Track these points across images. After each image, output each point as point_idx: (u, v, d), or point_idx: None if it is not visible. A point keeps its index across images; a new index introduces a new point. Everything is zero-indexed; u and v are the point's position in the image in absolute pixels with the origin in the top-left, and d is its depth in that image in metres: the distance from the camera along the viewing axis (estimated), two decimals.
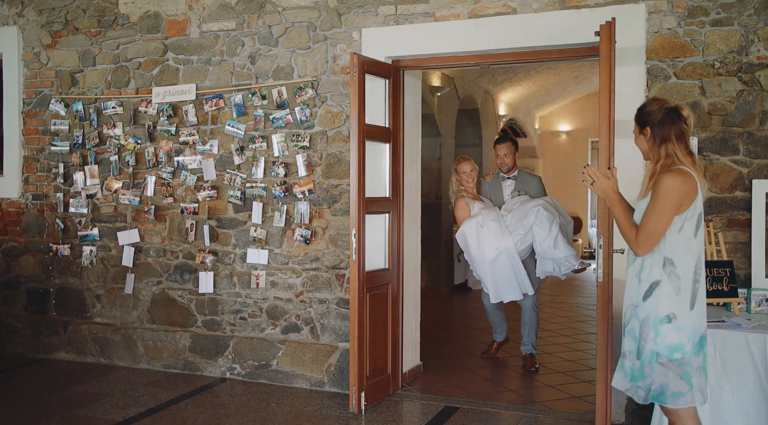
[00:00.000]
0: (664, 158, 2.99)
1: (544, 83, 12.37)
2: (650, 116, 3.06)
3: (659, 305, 2.94)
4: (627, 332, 3.07)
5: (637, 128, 3.15)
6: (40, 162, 6.12)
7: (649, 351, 2.94)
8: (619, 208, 3.06)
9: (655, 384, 2.95)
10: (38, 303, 6.13)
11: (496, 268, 5.58)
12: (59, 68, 6.05)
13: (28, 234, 6.17)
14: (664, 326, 2.92)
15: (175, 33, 5.66)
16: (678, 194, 2.89)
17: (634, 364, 3.00)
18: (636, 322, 3.00)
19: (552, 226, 5.46)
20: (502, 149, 5.88)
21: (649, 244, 2.95)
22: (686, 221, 2.94)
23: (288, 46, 5.30)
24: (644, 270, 3.01)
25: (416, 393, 5.15)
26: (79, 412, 4.68)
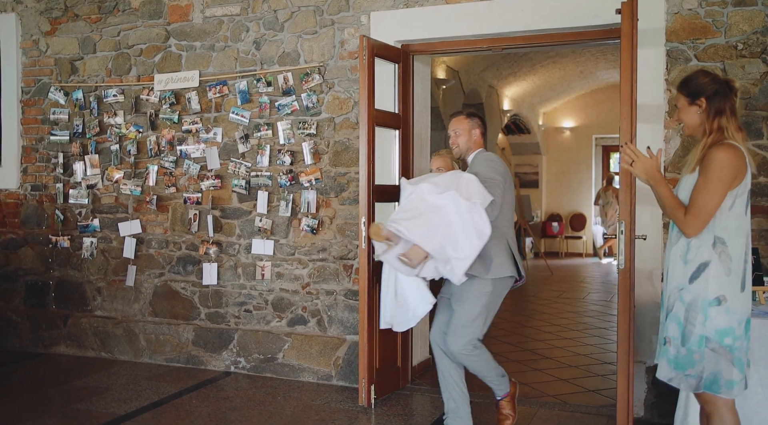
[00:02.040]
0: (716, 131, 2.84)
1: (549, 78, 12.25)
2: (704, 87, 2.89)
3: (708, 287, 2.77)
4: (671, 317, 2.88)
5: (687, 100, 2.95)
6: (39, 152, 5.97)
7: (698, 336, 2.77)
8: (665, 187, 2.88)
9: (707, 372, 2.77)
10: (37, 296, 5.98)
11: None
12: (59, 56, 5.90)
13: (27, 226, 6.02)
14: (714, 309, 2.76)
15: (178, 19, 5.52)
16: (732, 168, 2.74)
17: (679, 351, 2.83)
18: (681, 306, 2.83)
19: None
20: (450, 126, 4.17)
21: (702, 223, 2.78)
22: (737, 197, 2.78)
23: (294, 31, 5.16)
24: (691, 251, 2.84)
25: (427, 386, 5.01)
26: (79, 406, 4.53)
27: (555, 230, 14.52)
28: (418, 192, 3.73)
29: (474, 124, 4.06)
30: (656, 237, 4.24)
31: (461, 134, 4.03)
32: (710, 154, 2.78)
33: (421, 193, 3.72)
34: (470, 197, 3.60)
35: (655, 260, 4.24)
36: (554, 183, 14.96)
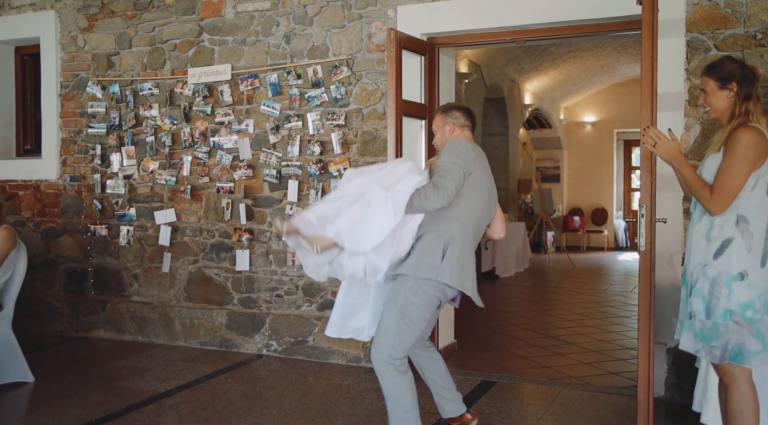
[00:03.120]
0: (743, 115, 2.98)
1: (570, 73, 12.33)
2: (735, 72, 3.04)
3: (731, 263, 2.92)
4: (694, 292, 3.02)
5: (718, 84, 3.08)
6: (78, 144, 6.21)
7: (723, 309, 2.92)
8: (689, 168, 3.03)
9: (732, 343, 2.91)
10: (77, 283, 6.22)
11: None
12: (96, 51, 6.13)
13: (66, 215, 6.27)
14: (737, 283, 2.90)
15: (210, 14, 5.72)
16: (756, 149, 2.88)
17: (704, 324, 2.97)
18: (705, 281, 2.98)
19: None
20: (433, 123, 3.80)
21: (727, 201, 2.92)
22: (759, 178, 2.92)
23: (323, 25, 5.34)
24: (714, 229, 2.98)
25: (452, 368, 5.14)
26: (121, 384, 4.75)
27: (576, 224, 14.58)
28: (343, 181, 3.45)
29: (447, 118, 3.65)
30: (676, 222, 4.36)
31: (437, 132, 3.70)
32: (735, 135, 2.92)
33: (342, 181, 3.44)
34: (391, 185, 3.24)
35: (675, 245, 4.36)
36: (576, 177, 15.03)
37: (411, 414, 3.29)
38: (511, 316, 7.24)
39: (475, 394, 4.55)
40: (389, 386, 3.27)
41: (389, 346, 3.22)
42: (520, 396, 4.54)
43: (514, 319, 7.08)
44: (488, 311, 7.67)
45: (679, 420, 4.05)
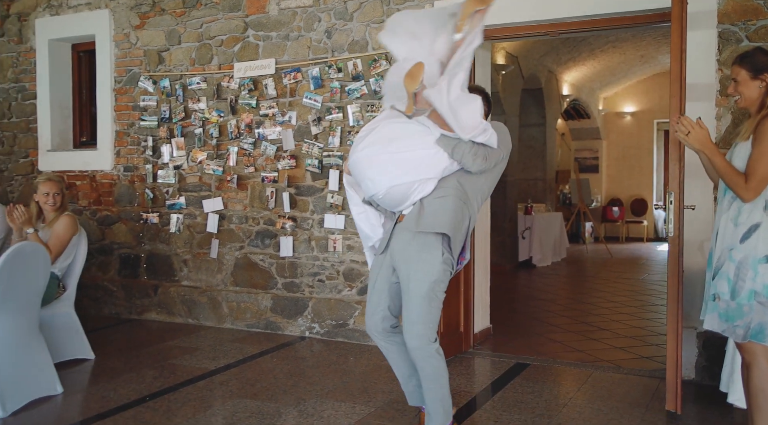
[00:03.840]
0: None
1: (609, 63, 12.32)
2: (766, 63, 3.17)
3: (758, 247, 3.05)
4: (720, 275, 3.17)
5: (750, 74, 3.20)
6: (131, 136, 6.54)
7: (748, 291, 3.06)
8: (720, 156, 3.17)
9: (754, 322, 3.06)
10: (130, 268, 6.56)
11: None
12: (147, 47, 6.44)
13: (120, 204, 6.61)
14: (763, 266, 3.04)
15: (255, 11, 5.97)
16: None
17: (729, 305, 3.11)
18: (731, 265, 3.12)
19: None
20: None
21: (760, 188, 3.05)
22: None
23: (362, 21, 5.54)
24: (742, 214, 3.12)
25: (487, 351, 5.36)
26: (174, 362, 5.06)
27: (615, 214, 14.57)
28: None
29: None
30: (707, 209, 4.47)
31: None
32: (764, 124, 3.05)
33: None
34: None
35: (705, 232, 4.47)
36: (615, 168, 14.99)
37: (447, 390, 3.42)
38: (547, 303, 7.39)
39: (509, 375, 4.73)
40: (431, 368, 3.32)
41: (427, 332, 3.28)
42: (552, 378, 4.71)
43: (550, 306, 7.22)
44: (524, 298, 7.84)
45: (708, 401, 4.18)
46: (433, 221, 3.20)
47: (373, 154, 3.22)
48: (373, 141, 3.24)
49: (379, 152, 3.21)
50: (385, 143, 3.21)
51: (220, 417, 3.95)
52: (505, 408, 4.09)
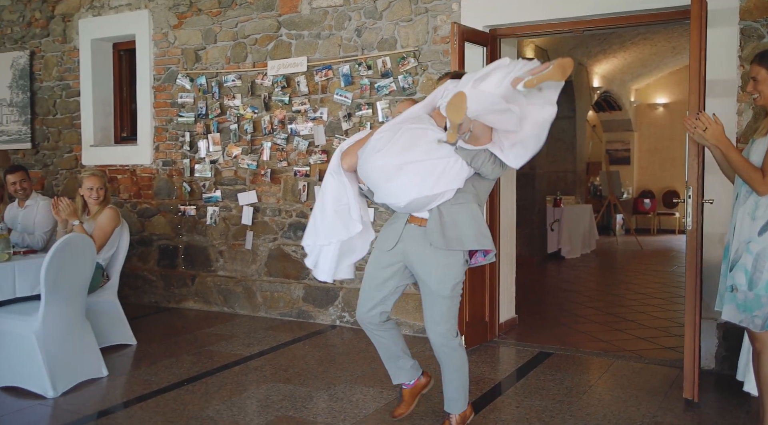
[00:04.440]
0: None
1: (640, 55, 12.28)
2: None
3: None
4: (737, 267, 3.29)
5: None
6: (169, 132, 6.80)
7: (765, 282, 3.17)
8: (736, 152, 3.29)
9: None
10: (169, 258, 6.84)
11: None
12: (185, 46, 6.68)
13: (159, 197, 6.89)
14: None
15: (288, 10, 6.17)
16: None
17: (747, 296, 3.23)
18: (749, 257, 3.24)
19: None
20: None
21: None
22: None
23: (391, 19, 5.70)
24: (759, 208, 3.23)
25: (512, 340, 5.51)
26: (211, 348, 5.31)
27: (647, 206, 14.53)
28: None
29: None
30: (727, 203, 4.52)
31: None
32: None
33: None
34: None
35: (725, 225, 4.55)
36: (646, 160, 14.94)
37: (467, 378, 3.56)
38: (573, 294, 7.50)
39: (532, 364, 4.88)
40: (454, 360, 3.45)
41: (452, 329, 3.39)
42: (574, 366, 4.84)
43: (576, 297, 7.34)
44: (551, 289, 7.95)
45: (726, 390, 4.29)
46: (459, 237, 3.23)
47: (394, 165, 3.14)
48: (393, 151, 3.15)
49: (400, 164, 3.14)
50: (405, 152, 3.14)
51: (254, 399, 4.18)
52: (526, 394, 4.25)
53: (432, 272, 3.31)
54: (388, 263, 3.45)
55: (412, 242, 3.36)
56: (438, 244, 3.25)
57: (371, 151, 3.21)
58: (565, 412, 3.93)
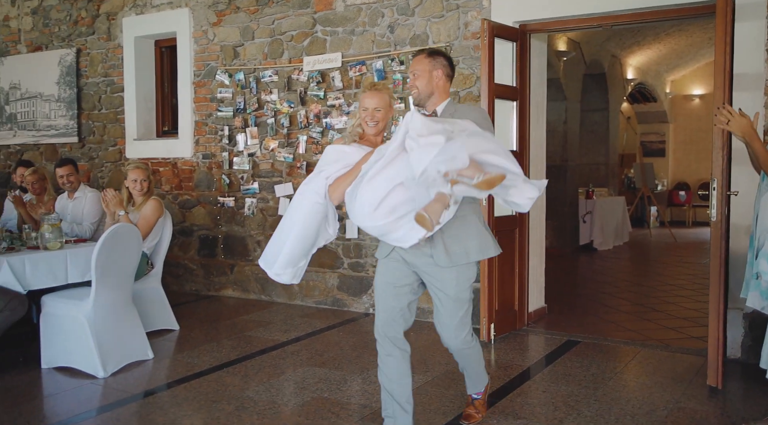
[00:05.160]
0: None
1: (675, 46, 12.21)
2: None
3: None
4: (761, 254, 3.39)
5: None
6: (209, 126, 7.04)
7: None
8: (759, 143, 3.39)
9: None
10: (208, 248, 7.11)
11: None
12: (223, 43, 6.91)
13: (199, 188, 7.14)
14: None
15: (323, 7, 6.35)
16: None
17: None
18: None
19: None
20: (411, 67, 3.43)
21: None
22: None
23: (423, 16, 5.85)
24: None
25: (541, 329, 5.64)
26: (249, 334, 5.54)
27: (682, 198, 14.45)
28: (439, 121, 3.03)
29: (436, 64, 3.32)
30: (752, 195, 4.61)
31: (420, 76, 3.30)
32: None
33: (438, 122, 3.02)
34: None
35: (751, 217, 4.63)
36: (682, 151, 14.84)
37: (483, 362, 3.63)
38: (603, 285, 7.58)
39: (560, 351, 5.01)
40: (472, 354, 3.46)
41: (468, 331, 3.35)
42: (601, 354, 4.96)
43: (606, 288, 7.42)
44: (581, 280, 8.04)
45: (751, 378, 4.37)
46: (464, 251, 3.16)
47: (390, 223, 2.98)
48: (391, 205, 2.95)
49: (396, 219, 2.98)
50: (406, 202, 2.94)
51: (291, 382, 4.39)
52: (553, 380, 4.39)
53: (450, 283, 3.20)
54: (401, 273, 3.28)
55: (416, 257, 3.20)
56: (444, 263, 3.15)
57: (364, 208, 2.99)
58: (591, 397, 4.06)
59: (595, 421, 3.70)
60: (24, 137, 8.37)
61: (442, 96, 3.35)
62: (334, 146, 3.27)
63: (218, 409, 3.91)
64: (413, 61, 3.38)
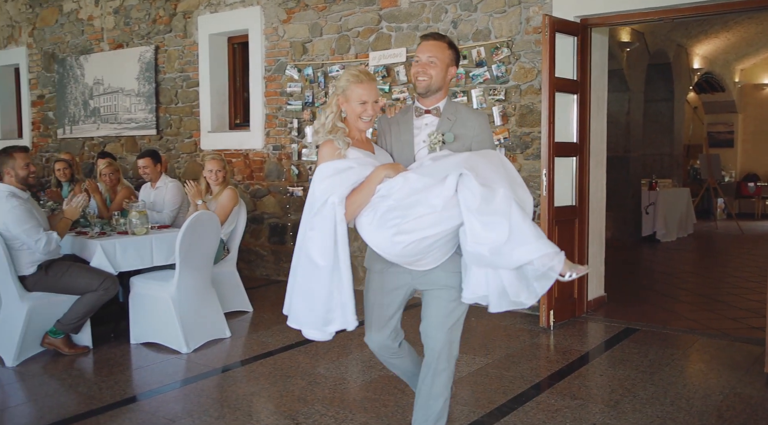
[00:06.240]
0: None
1: (745, 34, 11.97)
2: None
3: None
4: None
5: None
6: (279, 119, 7.38)
7: None
8: None
9: None
10: (278, 235, 7.46)
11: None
12: (293, 39, 7.22)
13: (270, 179, 7.50)
14: None
15: (388, 4, 6.58)
16: None
17: None
18: None
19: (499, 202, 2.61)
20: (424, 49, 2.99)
21: None
22: None
23: (485, 11, 6.02)
24: None
25: (600, 317, 5.77)
26: None
27: (751, 190, 14.15)
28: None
29: (453, 58, 3.00)
30: None
31: (437, 65, 2.92)
32: None
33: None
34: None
35: None
36: (751, 142, 14.51)
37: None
38: (665, 276, 7.62)
39: (618, 338, 5.15)
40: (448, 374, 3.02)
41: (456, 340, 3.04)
42: (659, 342, 5.07)
43: (668, 279, 7.46)
44: (643, 271, 8.08)
45: None
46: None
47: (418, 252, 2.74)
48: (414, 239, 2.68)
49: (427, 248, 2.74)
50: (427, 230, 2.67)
51: (358, 361, 4.67)
52: (610, 364, 4.55)
53: (455, 284, 2.90)
54: (393, 285, 3.02)
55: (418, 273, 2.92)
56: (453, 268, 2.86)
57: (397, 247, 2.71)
58: (647, 381, 4.21)
59: (650, 403, 3.86)
60: (106, 130, 8.90)
61: (445, 93, 3.02)
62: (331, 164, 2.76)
63: (292, 383, 4.22)
64: (429, 45, 2.94)
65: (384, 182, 2.70)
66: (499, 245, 2.56)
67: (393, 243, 2.69)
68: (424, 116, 2.97)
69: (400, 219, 2.63)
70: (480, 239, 2.58)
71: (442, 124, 2.91)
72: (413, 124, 2.98)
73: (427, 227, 2.63)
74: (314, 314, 2.84)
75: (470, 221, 2.58)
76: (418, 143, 2.93)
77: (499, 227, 2.55)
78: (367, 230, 2.77)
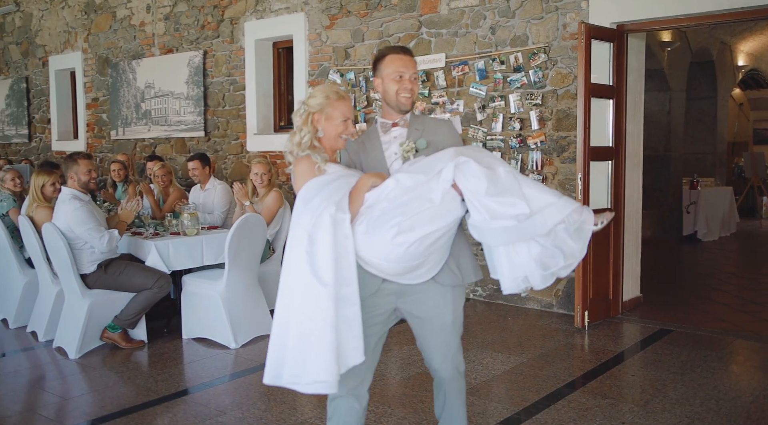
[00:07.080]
0: None
1: None
2: None
3: None
4: None
5: None
6: None
7: None
8: None
9: None
10: None
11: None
12: (335, 45, 7.45)
13: None
14: None
15: (428, 11, 6.75)
16: None
17: None
18: None
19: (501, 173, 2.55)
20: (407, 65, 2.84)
21: None
22: None
23: (523, 17, 6.15)
24: None
25: (635, 317, 5.88)
26: None
27: None
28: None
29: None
30: None
31: (416, 81, 2.86)
32: None
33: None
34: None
35: None
36: None
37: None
38: (704, 277, 7.64)
39: (651, 339, 5.26)
40: (461, 388, 2.99)
41: (461, 360, 2.96)
42: (693, 343, 5.16)
43: (707, 280, 7.48)
44: (681, 271, 8.12)
45: None
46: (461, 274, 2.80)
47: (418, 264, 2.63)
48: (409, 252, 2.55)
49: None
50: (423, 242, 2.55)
51: (398, 358, 4.88)
52: (643, 364, 4.67)
53: (448, 308, 2.79)
54: (376, 312, 2.77)
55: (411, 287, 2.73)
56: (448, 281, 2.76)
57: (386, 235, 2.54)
58: (678, 382, 4.32)
59: (680, 404, 3.98)
60: (157, 132, 9.27)
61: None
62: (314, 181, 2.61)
63: None
64: (409, 60, 2.85)
65: (372, 191, 2.58)
66: (523, 217, 2.51)
67: (395, 245, 2.52)
68: (390, 130, 2.83)
69: (400, 218, 2.50)
70: (501, 217, 2.51)
71: (412, 133, 2.79)
72: (380, 140, 2.83)
73: (427, 222, 2.52)
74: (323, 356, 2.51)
75: (485, 205, 2.50)
76: (390, 156, 2.80)
77: (517, 204, 2.50)
78: (361, 239, 2.56)
